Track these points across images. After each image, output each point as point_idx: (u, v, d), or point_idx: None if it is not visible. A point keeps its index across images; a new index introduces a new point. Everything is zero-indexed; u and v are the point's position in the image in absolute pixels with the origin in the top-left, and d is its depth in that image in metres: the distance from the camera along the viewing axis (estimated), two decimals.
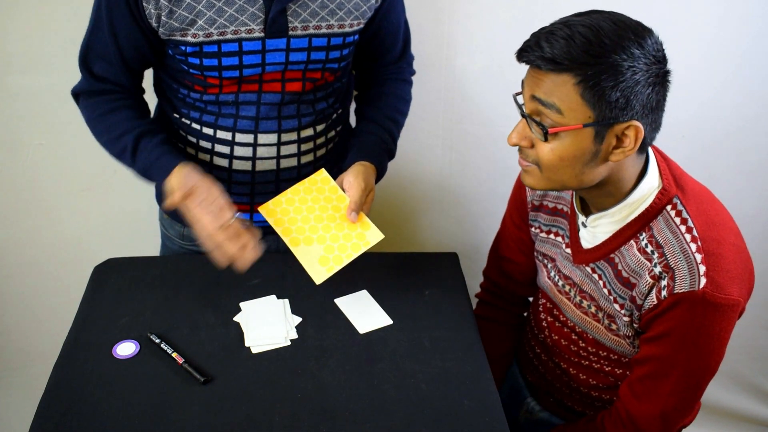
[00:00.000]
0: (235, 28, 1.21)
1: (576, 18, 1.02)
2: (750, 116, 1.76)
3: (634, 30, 1.00)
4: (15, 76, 1.68)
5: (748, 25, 1.66)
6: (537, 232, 1.35)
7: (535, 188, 1.14)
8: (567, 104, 1.01)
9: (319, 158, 1.43)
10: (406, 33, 1.47)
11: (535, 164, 1.09)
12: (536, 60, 1.01)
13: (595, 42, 0.98)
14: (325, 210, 1.29)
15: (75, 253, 1.93)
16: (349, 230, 1.28)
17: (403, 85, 1.50)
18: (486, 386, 1.17)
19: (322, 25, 1.26)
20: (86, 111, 1.33)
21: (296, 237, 1.26)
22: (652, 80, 1.01)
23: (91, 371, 1.16)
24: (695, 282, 1.05)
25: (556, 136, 1.04)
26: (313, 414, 1.10)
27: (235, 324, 1.26)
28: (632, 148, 1.04)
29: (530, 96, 1.05)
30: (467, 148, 1.90)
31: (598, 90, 0.99)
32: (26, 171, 1.81)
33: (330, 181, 1.32)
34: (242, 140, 1.35)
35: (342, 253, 1.25)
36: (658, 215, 1.12)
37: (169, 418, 1.08)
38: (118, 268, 1.39)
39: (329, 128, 1.43)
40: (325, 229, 1.27)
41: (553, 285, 1.32)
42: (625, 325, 1.18)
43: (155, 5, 1.18)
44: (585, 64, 0.98)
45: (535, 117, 1.06)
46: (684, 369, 1.12)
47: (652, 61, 1.00)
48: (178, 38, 1.22)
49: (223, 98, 1.31)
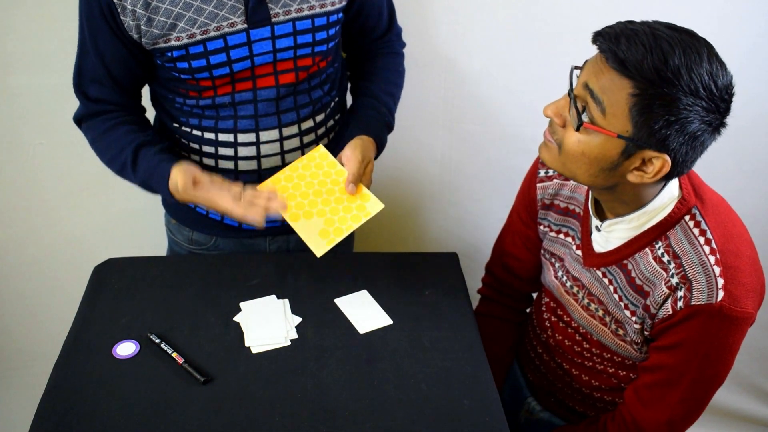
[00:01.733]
0: (217, 24, 1.21)
1: (665, 30, 0.99)
2: (751, 116, 1.76)
3: (712, 70, 0.97)
4: (16, 76, 1.68)
5: (748, 25, 1.66)
6: (546, 230, 1.34)
7: (547, 164, 1.13)
8: (613, 108, 0.99)
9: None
10: (390, 5, 1.47)
11: (558, 144, 1.08)
12: (607, 52, 0.99)
13: (671, 66, 0.95)
14: (324, 184, 1.29)
15: (75, 253, 1.93)
16: (348, 203, 1.27)
17: (395, 58, 1.50)
18: (486, 386, 1.17)
19: (303, 8, 1.26)
20: (89, 133, 1.34)
21: (296, 212, 1.26)
22: (704, 127, 0.99)
23: (91, 371, 1.16)
24: (713, 295, 1.04)
25: (588, 132, 1.03)
26: (313, 414, 1.10)
27: (235, 324, 1.26)
28: (652, 177, 1.03)
29: (584, 83, 1.03)
30: (467, 148, 1.90)
31: (646, 111, 0.97)
32: (26, 171, 1.81)
33: (328, 156, 1.32)
34: (245, 140, 1.34)
35: (342, 225, 1.25)
36: (676, 225, 1.11)
37: (169, 418, 1.08)
38: (118, 268, 1.39)
39: (328, 117, 1.43)
40: (324, 202, 1.27)
41: (561, 285, 1.31)
42: (635, 332, 1.17)
43: (132, 17, 1.18)
44: (649, 82, 0.95)
45: (579, 101, 1.04)
46: (694, 379, 1.11)
47: (713, 108, 0.98)
48: (162, 45, 1.21)
49: (220, 101, 1.31)
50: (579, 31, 1.67)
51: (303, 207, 1.26)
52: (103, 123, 1.31)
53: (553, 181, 1.31)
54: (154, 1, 1.17)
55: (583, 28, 1.66)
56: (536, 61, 1.74)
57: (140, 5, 1.17)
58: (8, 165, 1.79)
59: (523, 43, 1.72)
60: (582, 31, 1.67)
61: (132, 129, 1.31)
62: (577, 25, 1.67)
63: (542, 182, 1.33)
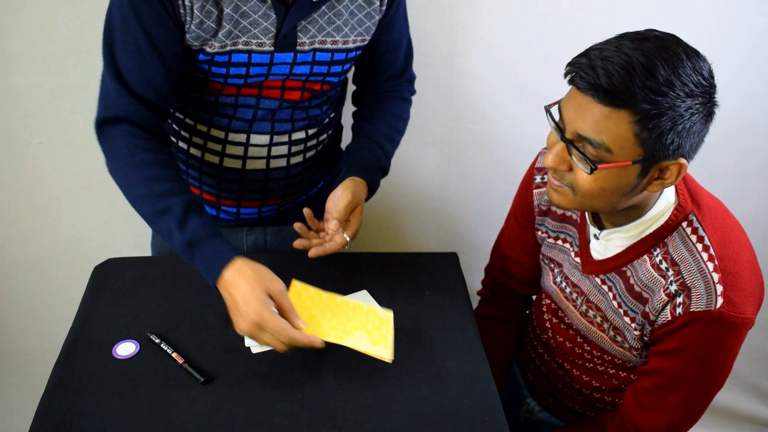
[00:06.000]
0: (246, 39, 1.21)
1: (630, 43, 0.96)
2: (750, 117, 1.76)
3: (694, 65, 0.96)
4: (16, 75, 1.67)
5: (749, 25, 1.66)
6: (544, 236, 1.34)
7: (563, 207, 1.12)
8: (618, 142, 0.97)
9: (308, 159, 1.44)
10: (408, 51, 1.46)
11: (570, 187, 1.06)
12: (589, 89, 0.96)
13: (660, 79, 0.93)
14: (331, 309, 1.22)
15: (75, 253, 1.93)
16: (362, 313, 1.23)
17: (401, 103, 1.49)
18: (486, 386, 1.17)
19: (327, 41, 1.27)
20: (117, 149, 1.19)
21: (339, 334, 1.16)
22: (705, 119, 0.98)
23: (91, 371, 1.16)
24: (712, 301, 1.04)
25: (602, 170, 1.00)
26: (313, 414, 1.10)
27: None
28: (672, 182, 1.02)
29: (575, 133, 1.00)
30: (467, 148, 1.90)
31: (656, 131, 0.95)
32: (27, 170, 1.80)
33: (308, 288, 1.25)
34: (235, 139, 1.35)
35: (382, 328, 1.20)
36: (674, 232, 1.11)
37: (169, 418, 1.08)
38: (118, 268, 1.39)
39: (321, 132, 1.44)
40: (348, 320, 1.20)
41: (560, 291, 1.31)
42: (635, 339, 1.17)
43: (190, 13, 1.17)
44: (645, 103, 0.93)
45: (577, 144, 1.00)
46: (693, 383, 1.11)
47: (708, 98, 0.97)
48: (197, 46, 1.21)
49: (223, 100, 1.31)
50: (579, 30, 1.68)
51: (336, 329, 1.17)
52: (143, 153, 1.18)
53: None
54: (208, 4, 1.17)
55: (583, 27, 1.67)
56: (536, 61, 1.74)
57: (198, 5, 1.16)
58: (9, 164, 1.79)
59: (523, 43, 1.72)
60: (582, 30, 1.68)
61: (175, 175, 1.19)
62: (576, 24, 1.68)
63: (538, 188, 1.32)
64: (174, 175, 1.20)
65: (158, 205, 1.15)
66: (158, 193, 1.16)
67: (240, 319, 1.10)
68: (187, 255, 1.15)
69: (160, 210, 1.15)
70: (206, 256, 1.14)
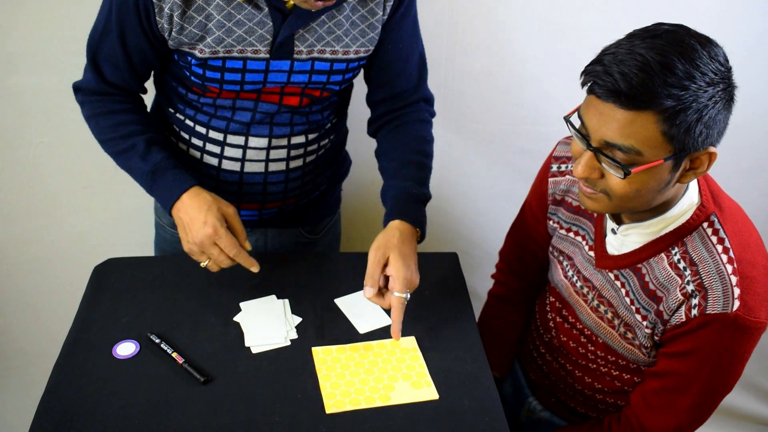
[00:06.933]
0: (242, 47, 1.22)
1: (641, 42, 0.95)
2: (748, 115, 1.75)
3: (710, 52, 0.95)
4: (17, 75, 1.68)
5: (747, 24, 1.66)
6: (555, 227, 1.33)
7: (600, 212, 1.11)
8: (647, 144, 0.96)
9: (309, 163, 1.43)
10: (422, 66, 1.41)
11: (604, 193, 1.05)
12: (609, 95, 0.94)
13: (680, 73, 0.92)
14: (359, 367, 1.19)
15: (75, 252, 1.93)
16: (389, 353, 1.22)
17: (420, 125, 1.41)
18: (486, 386, 1.17)
19: (326, 50, 1.26)
20: (89, 107, 1.32)
21: (383, 394, 1.15)
22: (727, 104, 0.98)
23: (91, 371, 1.16)
24: (729, 304, 1.03)
25: (636, 173, 0.99)
26: (313, 414, 1.10)
27: (235, 324, 1.26)
28: (704, 170, 1.02)
29: (602, 141, 0.98)
30: (467, 147, 1.90)
31: (683, 126, 0.94)
32: (27, 169, 1.81)
33: (329, 350, 1.22)
34: (233, 142, 1.35)
35: (415, 364, 1.20)
36: (694, 231, 1.10)
37: (169, 418, 1.08)
38: (118, 268, 1.39)
39: (322, 137, 1.43)
40: (382, 371, 1.18)
41: (570, 285, 1.30)
42: (645, 337, 1.16)
43: (168, 20, 1.18)
44: (669, 100, 0.92)
45: (606, 152, 0.99)
46: (703, 386, 1.11)
47: (728, 83, 0.97)
48: (185, 50, 1.22)
49: (221, 102, 1.31)
50: (579, 29, 1.68)
51: (377, 390, 1.15)
52: (111, 103, 1.31)
53: (565, 177, 1.29)
54: (189, 10, 1.18)
55: (583, 26, 1.67)
56: (536, 60, 1.74)
57: (177, 13, 1.17)
58: (9, 163, 1.79)
59: (523, 42, 1.72)
60: (582, 29, 1.68)
61: (140, 119, 1.31)
62: (577, 23, 1.68)
63: (554, 177, 1.31)
64: (140, 119, 1.31)
65: (123, 145, 1.28)
66: (124, 135, 1.28)
67: (195, 233, 1.20)
68: (148, 183, 1.27)
69: (126, 148, 1.28)
70: (167, 182, 1.25)
